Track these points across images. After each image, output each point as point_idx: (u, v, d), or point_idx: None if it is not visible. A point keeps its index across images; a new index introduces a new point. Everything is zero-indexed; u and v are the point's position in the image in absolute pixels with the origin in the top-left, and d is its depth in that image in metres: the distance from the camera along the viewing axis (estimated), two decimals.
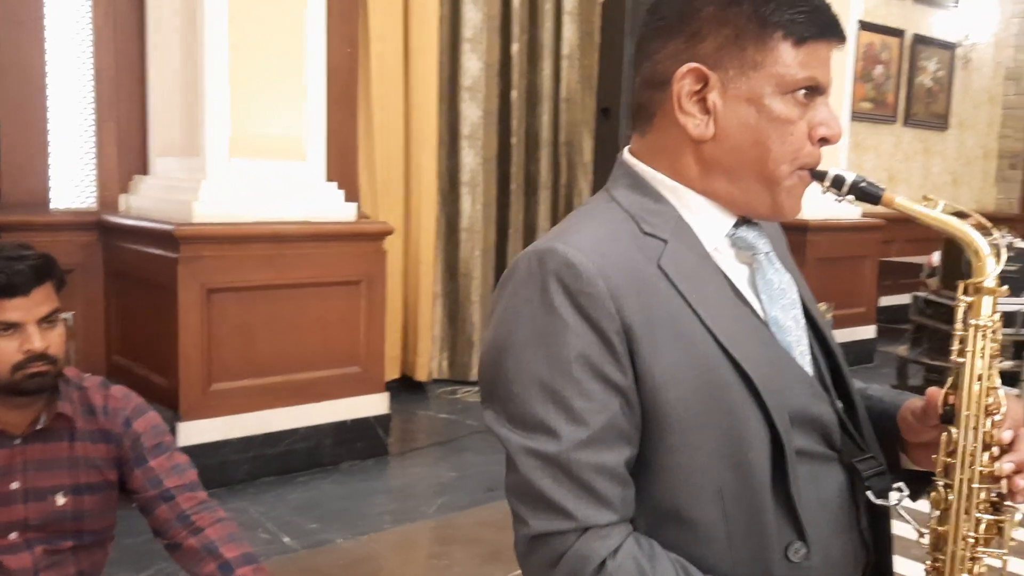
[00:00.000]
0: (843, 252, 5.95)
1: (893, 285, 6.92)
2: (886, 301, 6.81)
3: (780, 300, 0.99)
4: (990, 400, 0.93)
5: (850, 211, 5.79)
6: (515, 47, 5.34)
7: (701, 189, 0.97)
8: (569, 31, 5.53)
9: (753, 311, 0.98)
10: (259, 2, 3.64)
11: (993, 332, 0.94)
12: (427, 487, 3.87)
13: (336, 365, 3.95)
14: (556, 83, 5.55)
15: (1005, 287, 0.94)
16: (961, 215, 0.95)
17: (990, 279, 0.93)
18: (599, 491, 0.88)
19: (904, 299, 6.18)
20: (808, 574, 0.93)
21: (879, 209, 1.00)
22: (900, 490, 0.99)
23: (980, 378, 0.93)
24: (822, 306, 1.09)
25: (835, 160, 6.24)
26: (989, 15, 8.56)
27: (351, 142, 4.49)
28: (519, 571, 0.99)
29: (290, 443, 3.80)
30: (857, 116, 7.19)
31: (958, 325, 0.95)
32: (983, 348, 0.93)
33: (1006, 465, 0.91)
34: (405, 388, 5.04)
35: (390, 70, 4.78)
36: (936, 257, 5.36)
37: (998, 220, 8.28)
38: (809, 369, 1.00)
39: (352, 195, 4.20)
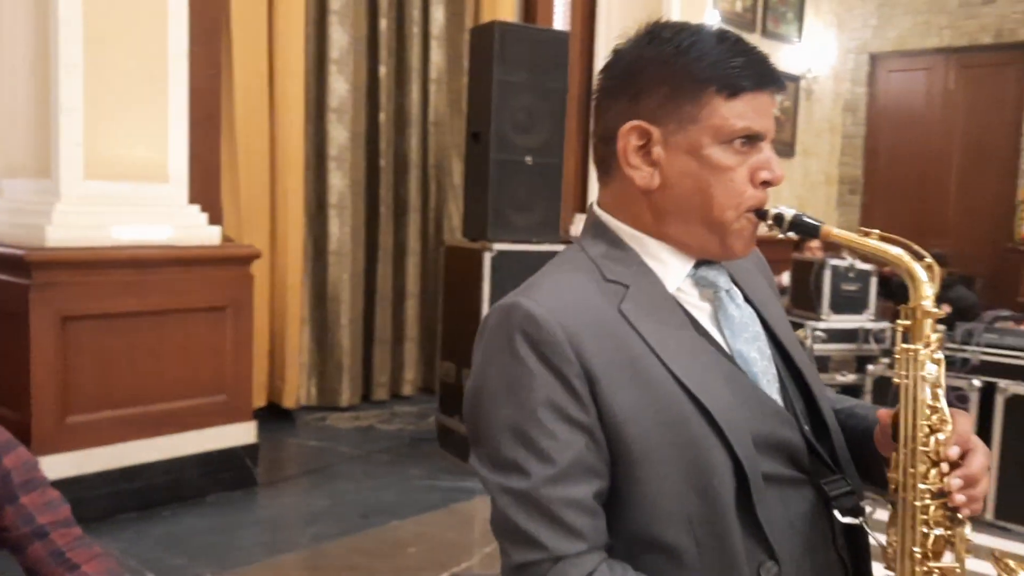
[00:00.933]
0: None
1: None
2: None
3: (743, 333, 1.06)
4: (934, 418, 0.96)
5: None
6: (383, 70, 5.35)
7: (657, 235, 1.05)
8: (437, 55, 5.59)
9: (718, 346, 1.04)
10: (117, 22, 3.52)
11: (932, 353, 0.98)
12: (299, 517, 3.79)
13: (201, 394, 3.81)
14: (424, 106, 5.59)
15: (942, 308, 1.00)
16: (894, 243, 1.02)
17: (927, 302, 0.97)
18: (569, 523, 0.94)
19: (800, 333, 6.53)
20: None
21: None
22: (867, 509, 1.06)
23: (917, 399, 0.97)
24: (801, 333, 1.14)
25: None
26: (829, 50, 9.21)
27: (214, 164, 4.37)
28: None
29: (151, 476, 3.64)
30: None
31: (898, 348, 0.99)
32: (923, 369, 0.97)
33: (954, 481, 0.94)
34: (272, 416, 4.91)
35: (254, 91, 4.70)
36: (785, 278, 5.71)
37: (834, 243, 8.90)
38: (777, 397, 1.05)
39: (216, 218, 4.10)
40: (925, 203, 9.27)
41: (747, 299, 1.11)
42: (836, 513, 1.02)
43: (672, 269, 1.05)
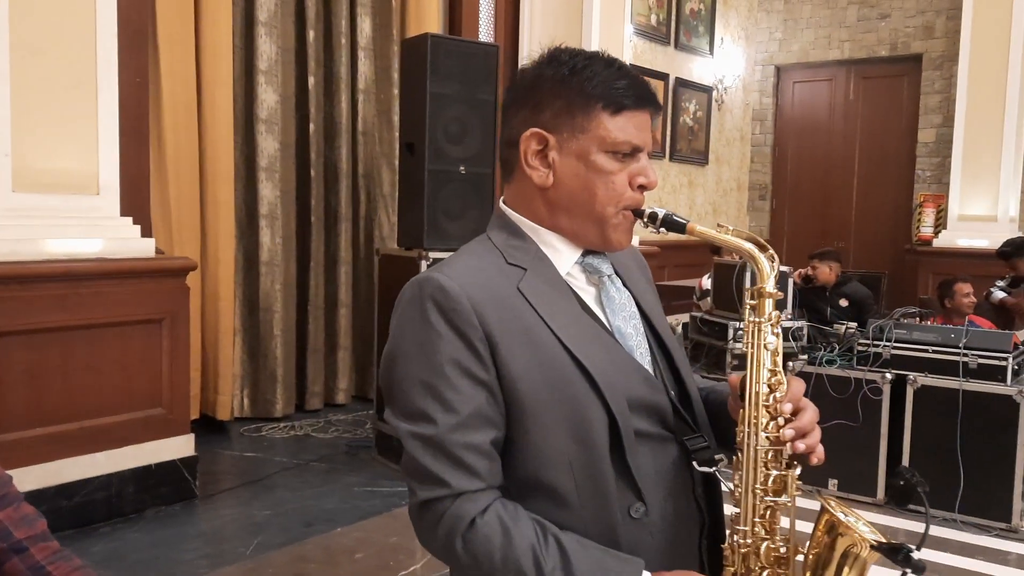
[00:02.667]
0: (687, 261, 6.42)
1: (667, 307, 7.54)
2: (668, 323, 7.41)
3: (621, 313, 1.23)
4: (773, 380, 1.14)
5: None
6: (311, 80, 5.36)
7: (551, 227, 1.22)
8: (364, 66, 5.63)
9: (600, 321, 1.21)
10: (44, 29, 3.46)
11: (772, 326, 1.16)
12: (241, 528, 3.77)
13: (137, 408, 3.77)
14: (353, 116, 5.62)
15: (779, 291, 1.19)
16: (747, 238, 1.20)
17: (770, 285, 1.16)
18: (469, 464, 1.09)
19: (676, 319, 6.77)
20: (649, 528, 1.16)
21: (653, 237, 1.26)
22: (720, 460, 1.23)
23: (762, 363, 1.16)
24: (672, 319, 1.30)
25: None
26: (738, 62, 9.58)
27: (143, 176, 4.31)
28: None
29: (88, 493, 3.59)
30: None
31: (745, 322, 1.18)
32: (765, 339, 1.16)
33: (787, 431, 1.12)
34: (206, 428, 4.86)
35: (182, 101, 4.66)
36: (706, 280, 5.94)
37: None
38: (648, 367, 1.23)
39: (146, 230, 4.05)
40: (829, 207, 9.72)
41: (626, 287, 1.29)
42: (695, 464, 1.19)
43: (563, 256, 1.21)
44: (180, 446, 3.94)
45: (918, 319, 4.59)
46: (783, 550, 1.15)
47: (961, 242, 8.17)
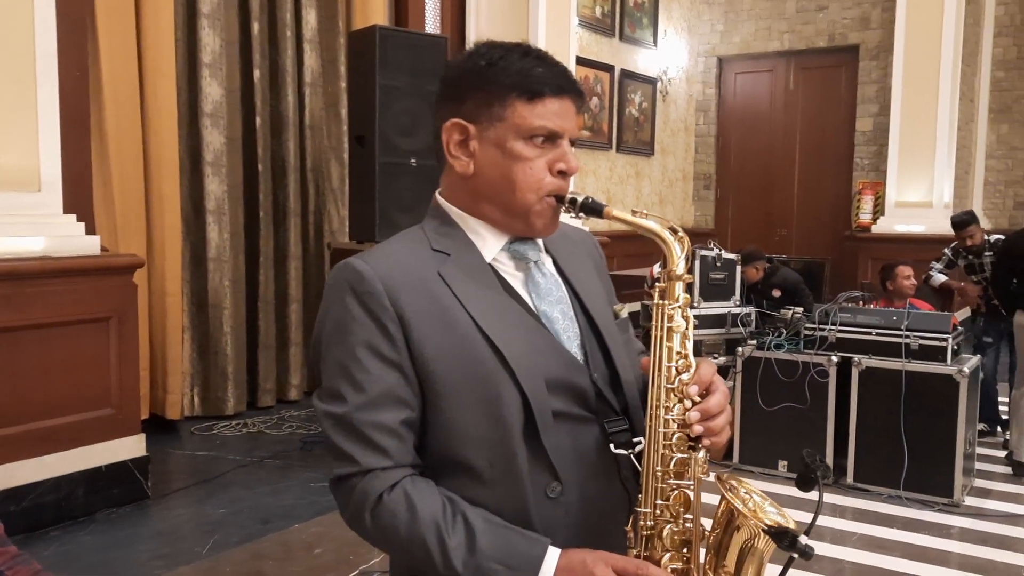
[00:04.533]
0: (636, 250, 6.47)
1: (620, 297, 7.60)
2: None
3: (547, 297, 1.26)
4: (681, 362, 1.15)
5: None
6: (257, 73, 5.28)
7: (476, 214, 1.25)
8: (311, 59, 5.57)
9: (526, 306, 1.24)
10: None
11: (682, 309, 1.16)
12: (196, 527, 3.72)
13: (86, 408, 3.69)
14: (300, 110, 5.56)
15: (690, 275, 1.21)
16: (659, 222, 1.22)
17: (679, 268, 1.17)
18: (377, 442, 1.13)
19: (634, 308, 6.85)
20: (565, 508, 1.18)
21: (602, 227, 1.26)
22: (638, 443, 1.22)
23: (665, 346, 1.15)
24: (619, 306, 1.32)
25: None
26: (681, 54, 9.70)
27: (86, 171, 4.21)
28: None
29: (37, 496, 3.50)
30: (578, 143, 7.84)
31: (654, 304, 1.18)
32: (672, 322, 1.16)
33: (692, 413, 1.12)
34: (156, 428, 4.78)
35: (124, 95, 4.56)
36: (657, 269, 6.01)
37: (698, 235, 9.38)
38: (576, 351, 1.24)
39: (91, 227, 3.96)
40: (772, 196, 9.91)
41: (561, 271, 1.31)
42: (611, 446, 1.20)
43: (489, 243, 1.24)
44: (131, 446, 3.87)
45: (861, 303, 4.71)
46: (687, 534, 1.14)
47: (899, 228, 8.40)
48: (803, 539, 1.03)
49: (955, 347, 4.24)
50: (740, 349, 4.63)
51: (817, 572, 3.47)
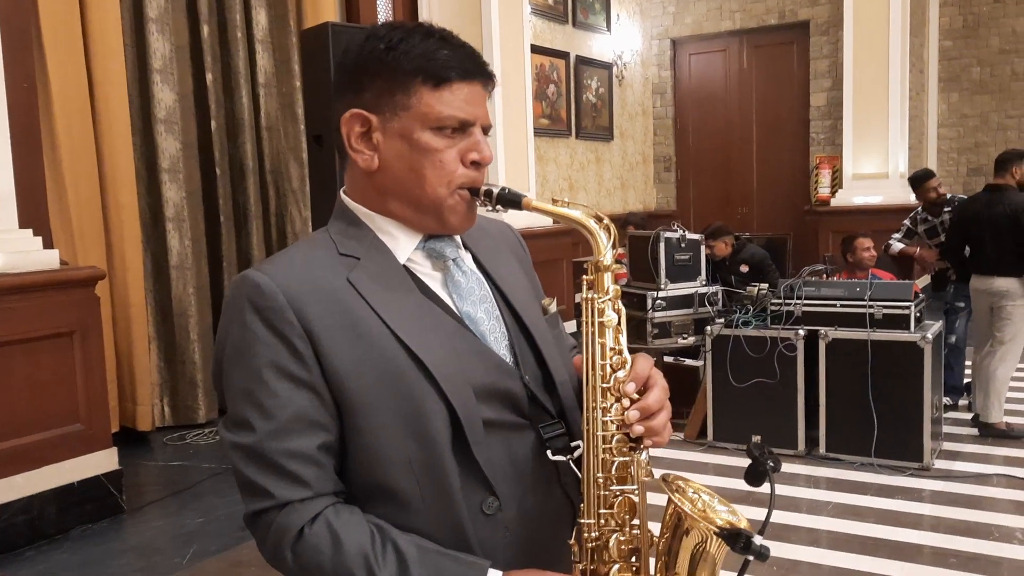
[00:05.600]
0: (542, 257, 6.48)
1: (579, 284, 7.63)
2: (580, 297, 7.50)
3: (469, 297, 1.15)
4: (615, 359, 1.06)
5: (543, 220, 6.32)
6: (209, 77, 5.21)
7: (384, 212, 1.14)
8: (263, 59, 5.50)
9: (447, 308, 1.14)
10: None
11: (612, 301, 1.08)
12: (173, 538, 3.68)
13: (54, 425, 3.64)
14: (255, 112, 5.50)
15: (619, 265, 1.13)
16: (583, 210, 1.12)
17: (607, 259, 1.08)
18: (292, 472, 1.02)
19: (555, 304, 6.90)
20: (504, 524, 1.09)
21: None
22: (577, 447, 1.13)
23: (597, 342, 1.07)
24: (547, 300, 1.26)
25: (523, 174, 6.79)
26: (635, 38, 9.73)
27: (39, 185, 4.13)
28: None
29: (8, 517, 3.45)
30: (538, 132, 7.84)
31: (582, 298, 1.09)
32: (603, 316, 1.07)
33: (631, 413, 1.04)
34: (127, 440, 4.72)
35: (74, 105, 4.48)
36: (619, 253, 6.04)
37: (660, 217, 9.44)
38: (505, 352, 1.15)
39: (48, 241, 3.89)
40: (731, 174, 10.00)
41: (483, 268, 1.21)
42: (548, 452, 1.12)
43: (401, 243, 1.14)
44: (102, 461, 3.82)
45: (824, 276, 4.77)
46: (635, 542, 1.08)
47: (857, 200, 8.51)
48: (758, 540, 0.97)
49: (918, 314, 4.31)
50: (708, 328, 4.67)
51: (795, 543, 3.52)
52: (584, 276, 1.09)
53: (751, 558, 0.97)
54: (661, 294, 4.95)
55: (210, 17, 5.22)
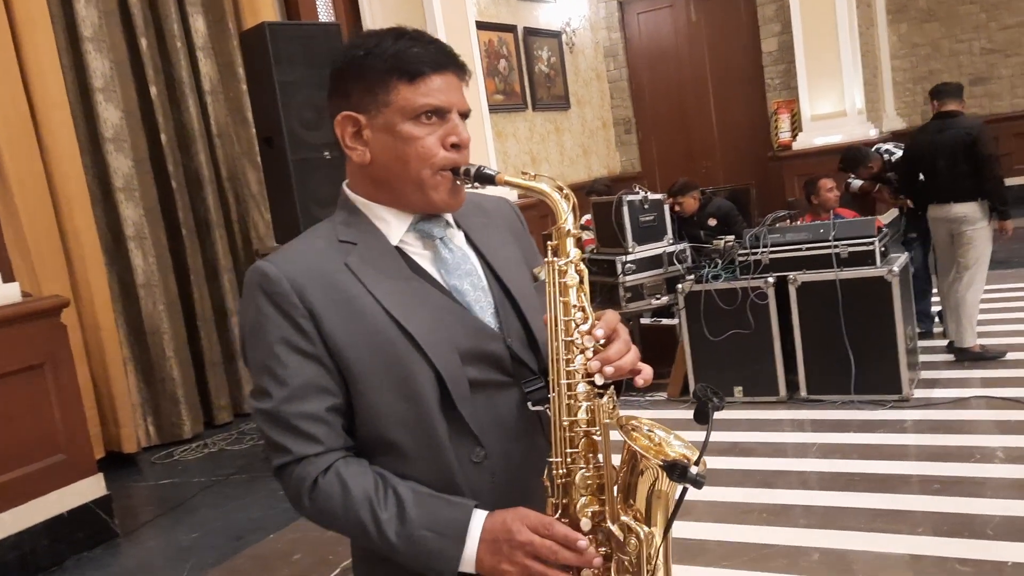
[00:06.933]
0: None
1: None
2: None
3: (456, 271, 1.29)
4: (578, 315, 1.17)
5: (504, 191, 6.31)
6: (153, 90, 5.15)
7: (378, 200, 1.29)
8: (206, 66, 5.44)
9: (435, 283, 1.28)
10: None
11: (575, 263, 1.19)
12: (170, 556, 3.69)
13: (35, 459, 3.62)
14: (205, 120, 5.44)
15: (581, 231, 1.22)
16: (546, 182, 1.23)
17: (568, 224, 1.19)
18: (305, 431, 1.19)
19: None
20: (491, 471, 1.24)
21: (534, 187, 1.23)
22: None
23: (559, 301, 1.18)
24: (538, 268, 1.32)
25: (482, 153, 6.76)
26: (581, 3, 9.67)
27: None
28: None
29: None
30: (493, 108, 7.81)
31: (546, 261, 1.20)
32: (565, 277, 1.18)
33: (592, 363, 1.15)
34: (113, 464, 4.70)
35: (17, 132, 4.40)
36: (587, 219, 6.04)
37: (625, 180, 9.44)
38: (490, 319, 1.29)
39: (8, 274, 3.85)
40: (692, 130, 10.00)
41: (473, 244, 1.35)
42: (529, 404, 1.25)
43: (393, 226, 1.28)
44: (89, 488, 3.80)
45: (788, 221, 4.80)
46: (600, 478, 1.17)
47: (818, 141, 8.54)
48: (693, 469, 1.05)
49: (882, 249, 4.35)
50: (680, 286, 4.69)
51: (783, 487, 3.57)
52: (548, 242, 1.20)
53: (688, 487, 1.06)
54: (630, 257, 4.96)
55: (146, 29, 5.14)
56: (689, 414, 1.14)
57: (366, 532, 1.17)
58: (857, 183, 5.68)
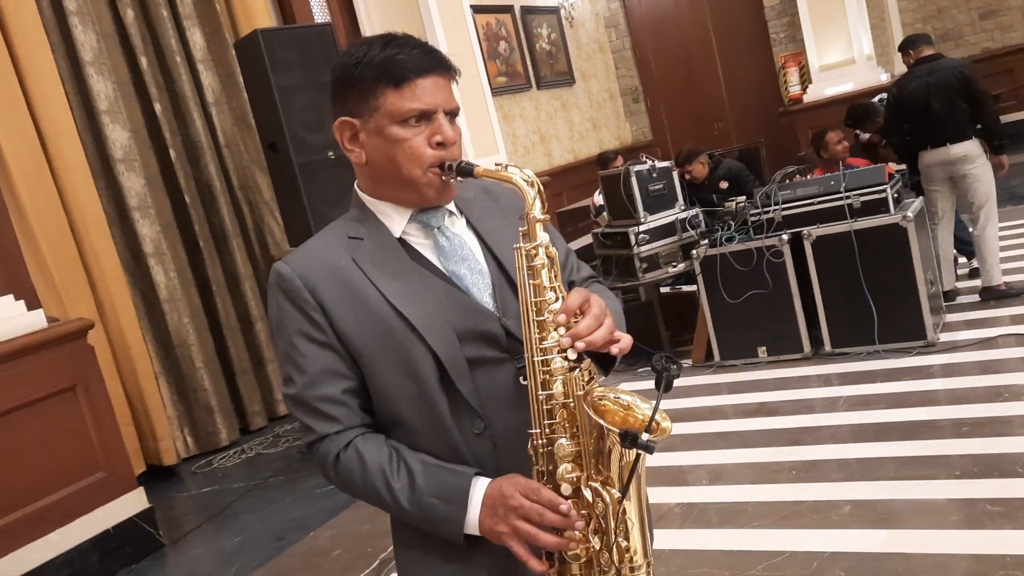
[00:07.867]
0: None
1: (574, 230, 7.64)
2: (575, 246, 7.50)
3: (453, 257, 1.39)
4: (550, 295, 1.24)
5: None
6: (157, 107, 5.21)
7: (380, 197, 1.39)
8: (208, 78, 5.48)
9: (436, 270, 1.37)
10: None
11: (545, 247, 1.25)
12: (215, 562, 3.77)
13: (76, 479, 3.71)
14: (211, 132, 5.49)
15: (547, 215, 1.28)
16: (516, 172, 1.29)
17: (535, 211, 1.25)
18: (325, 412, 1.33)
19: (586, 240, 6.89)
20: (492, 441, 1.34)
21: (544, 167, 1.28)
22: None
23: (529, 284, 1.24)
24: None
25: (488, 137, 6.76)
26: None
27: (12, 248, 4.16)
28: None
29: (51, 573, 3.53)
30: (497, 91, 7.79)
31: (515, 248, 1.27)
32: (535, 260, 1.25)
33: (564, 340, 1.22)
34: (155, 477, 4.81)
35: (28, 161, 4.48)
36: (598, 197, 6.02)
37: (638, 149, 9.39)
38: (488, 300, 1.38)
39: (32, 302, 3.93)
40: (700, 93, 9.91)
41: (475, 229, 1.44)
42: (521, 379, 1.32)
43: (394, 220, 1.38)
44: (132, 502, 3.89)
45: (797, 176, 4.75)
46: (578, 446, 1.25)
47: (829, 91, 8.44)
48: (644, 436, 1.11)
49: (895, 195, 4.30)
50: (694, 252, 4.68)
51: (812, 443, 3.57)
52: (520, 229, 1.28)
53: (640, 452, 1.13)
54: (643, 227, 4.95)
55: (145, 48, 5.20)
56: (715, 379, 1.18)
57: (382, 500, 1.31)
58: (865, 135, 5.61)
